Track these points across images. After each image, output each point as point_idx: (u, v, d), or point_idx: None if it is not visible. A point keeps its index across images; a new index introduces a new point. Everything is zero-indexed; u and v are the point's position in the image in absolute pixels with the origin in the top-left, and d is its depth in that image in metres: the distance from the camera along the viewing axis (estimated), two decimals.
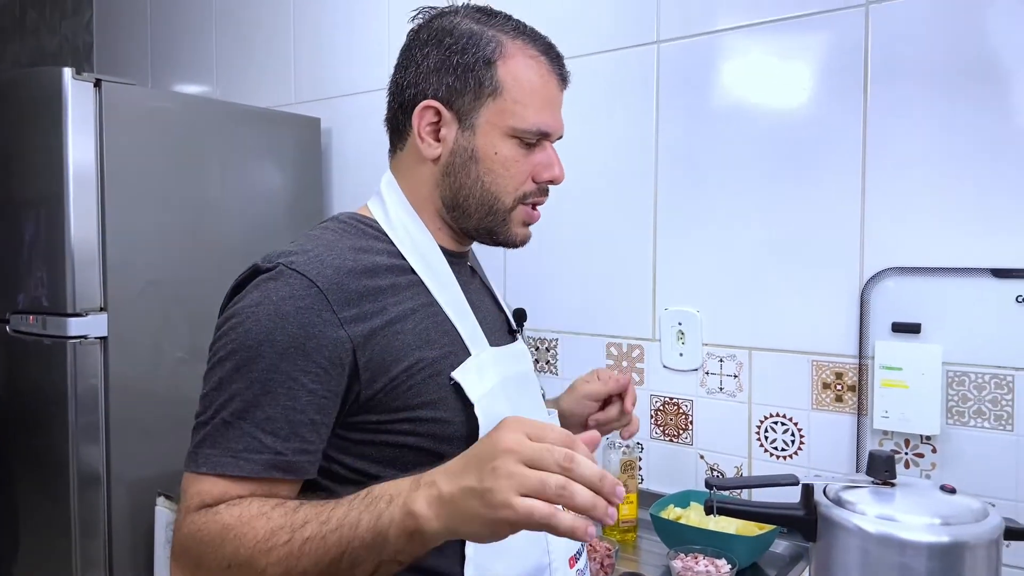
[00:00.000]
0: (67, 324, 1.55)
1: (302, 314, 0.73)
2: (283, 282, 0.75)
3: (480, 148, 0.84)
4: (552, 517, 0.57)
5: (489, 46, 0.84)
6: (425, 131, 0.85)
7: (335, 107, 2.15)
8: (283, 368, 0.72)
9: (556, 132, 0.88)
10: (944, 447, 1.28)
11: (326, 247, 0.79)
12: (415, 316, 0.81)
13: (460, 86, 0.84)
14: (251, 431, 0.71)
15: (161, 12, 2.70)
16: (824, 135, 1.38)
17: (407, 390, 0.78)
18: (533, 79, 0.84)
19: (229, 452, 0.71)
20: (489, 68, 0.83)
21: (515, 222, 0.89)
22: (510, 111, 0.84)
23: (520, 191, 0.87)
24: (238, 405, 0.72)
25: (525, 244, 0.94)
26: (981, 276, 1.24)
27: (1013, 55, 1.21)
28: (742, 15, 1.46)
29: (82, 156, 1.56)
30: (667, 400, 1.57)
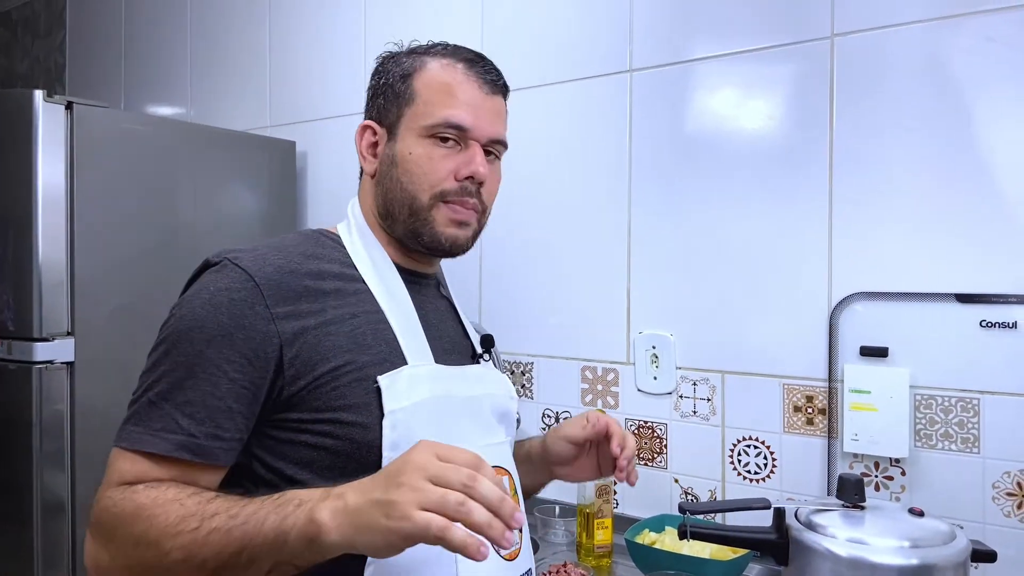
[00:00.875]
0: (33, 349, 1.52)
1: (235, 305, 0.77)
2: (223, 274, 0.80)
3: (399, 152, 0.89)
4: (446, 530, 0.60)
5: (407, 63, 0.92)
6: (365, 150, 0.93)
7: (311, 131, 2.15)
8: (208, 355, 0.76)
9: (475, 128, 0.89)
10: (913, 470, 1.30)
11: (276, 249, 0.84)
12: (354, 320, 0.84)
13: (385, 103, 0.92)
14: (170, 411, 0.75)
15: (135, 34, 2.69)
16: (792, 162, 1.41)
17: (331, 391, 0.79)
18: (444, 80, 0.90)
19: (148, 430, 0.75)
20: (405, 81, 0.90)
21: (438, 222, 0.90)
22: (422, 112, 0.89)
23: (438, 188, 0.88)
24: (163, 387, 0.76)
25: (459, 246, 0.92)
26: (946, 301, 1.27)
27: (974, 86, 1.25)
28: (713, 46, 1.49)
29: (52, 179, 1.54)
30: (642, 424, 1.58)
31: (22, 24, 3.24)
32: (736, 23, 1.46)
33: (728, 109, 1.48)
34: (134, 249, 1.68)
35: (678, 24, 1.53)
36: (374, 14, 2.01)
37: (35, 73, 3.15)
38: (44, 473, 1.54)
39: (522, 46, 1.73)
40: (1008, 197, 1.22)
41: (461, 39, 1.00)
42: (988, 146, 1.24)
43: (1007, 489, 1.22)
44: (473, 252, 1.77)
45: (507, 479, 0.92)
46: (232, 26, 2.37)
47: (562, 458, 1.02)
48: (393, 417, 0.80)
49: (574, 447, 1.00)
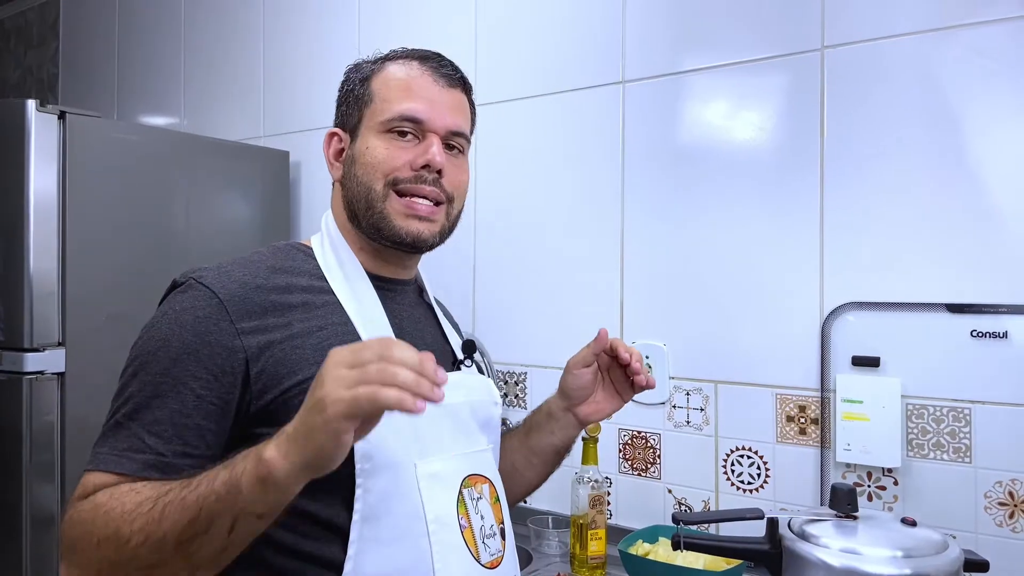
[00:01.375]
0: (24, 359, 1.51)
1: (199, 323, 0.78)
2: (189, 294, 0.80)
3: (357, 150, 0.91)
4: (376, 393, 0.60)
5: (368, 68, 0.94)
6: (333, 156, 0.95)
7: (304, 141, 2.15)
8: (174, 373, 0.76)
9: (431, 120, 0.89)
10: (905, 479, 1.30)
11: (242, 265, 0.85)
12: (322, 332, 0.83)
13: (347, 109, 0.94)
14: (137, 431, 0.75)
15: (129, 45, 2.70)
16: (784, 173, 1.41)
17: (299, 404, 0.76)
18: (399, 76, 0.91)
19: (115, 450, 0.75)
20: (364, 84, 0.93)
21: (394, 214, 0.89)
22: (378, 110, 0.90)
23: (390, 176, 0.89)
24: (131, 407, 0.76)
25: (421, 241, 0.90)
26: (937, 311, 1.27)
27: (963, 98, 1.26)
28: (704, 58, 1.50)
29: (44, 188, 1.54)
30: (635, 434, 1.58)
31: (15, 34, 3.23)
32: (727, 35, 1.48)
33: (720, 120, 1.49)
34: (126, 259, 1.68)
35: (670, 36, 1.54)
36: (368, 25, 2.02)
37: (27, 83, 3.15)
38: (33, 486, 1.53)
39: (515, 58, 1.74)
40: (998, 208, 1.23)
41: (455, 50, 1.00)
42: (977, 157, 1.25)
43: (999, 499, 1.22)
44: (466, 262, 1.79)
45: (487, 487, 0.92)
46: (226, 36, 2.37)
47: (582, 387, 1.01)
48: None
49: (589, 372, 1.00)
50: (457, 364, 1.01)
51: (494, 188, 1.77)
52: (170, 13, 2.54)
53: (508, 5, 1.76)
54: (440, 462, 0.85)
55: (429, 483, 0.83)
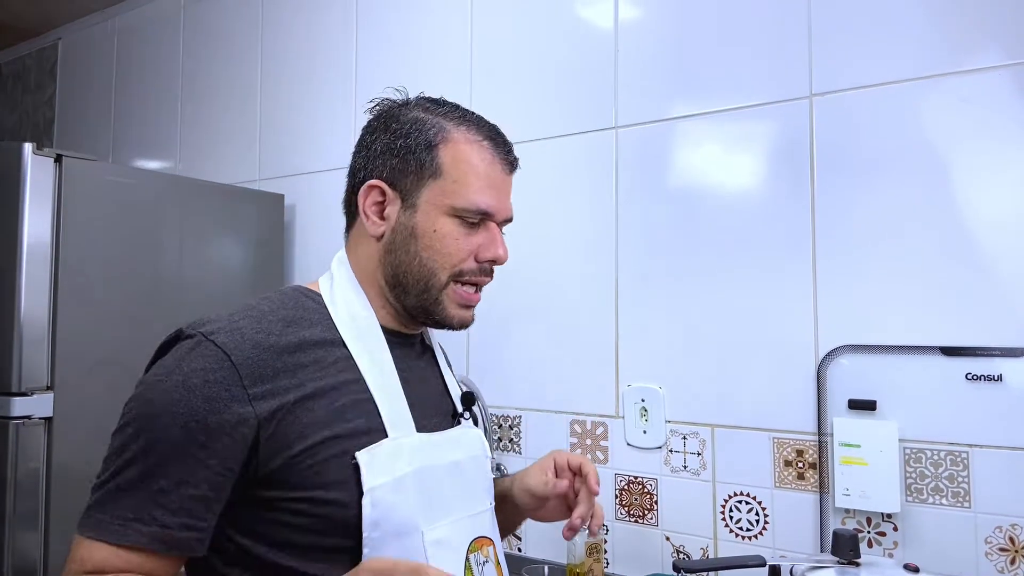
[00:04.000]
0: (11, 404, 1.48)
1: (210, 388, 0.73)
2: (198, 353, 0.76)
3: (420, 225, 0.86)
4: None
5: (431, 131, 0.87)
6: (370, 209, 0.88)
7: (300, 184, 2.17)
8: (183, 442, 0.72)
9: (499, 213, 0.89)
10: (905, 525, 1.28)
11: (254, 319, 0.80)
12: (334, 392, 0.80)
13: (403, 167, 0.87)
14: (143, 501, 0.71)
15: (126, 89, 2.73)
16: (775, 216, 1.43)
17: (307, 468, 0.76)
18: (474, 161, 0.87)
19: (118, 520, 0.71)
20: (430, 151, 0.86)
21: (449, 302, 0.89)
22: (450, 191, 0.86)
23: (457, 268, 0.87)
24: (135, 473, 0.72)
25: (465, 327, 0.92)
26: (931, 354, 1.27)
27: (950, 144, 1.28)
28: (694, 105, 1.53)
29: (38, 232, 1.53)
30: (632, 479, 1.56)
31: (12, 78, 3.27)
32: (717, 82, 1.50)
33: (712, 166, 1.51)
34: (118, 303, 1.67)
35: (661, 82, 1.57)
36: (364, 70, 2.05)
37: (23, 126, 3.17)
38: (16, 535, 1.48)
39: (510, 102, 1.77)
40: (987, 251, 1.25)
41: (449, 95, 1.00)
42: (966, 202, 1.27)
43: (1000, 544, 1.21)
44: None
45: (492, 549, 0.90)
46: (223, 81, 2.40)
47: (528, 506, 1.00)
48: (373, 495, 0.77)
49: (537, 499, 0.98)
50: (457, 418, 0.98)
51: None
52: (167, 59, 2.58)
53: (502, 51, 1.80)
54: (447, 527, 0.83)
55: (436, 551, 0.80)
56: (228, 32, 2.40)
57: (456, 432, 0.94)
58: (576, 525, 0.94)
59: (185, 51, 2.53)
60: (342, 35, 2.11)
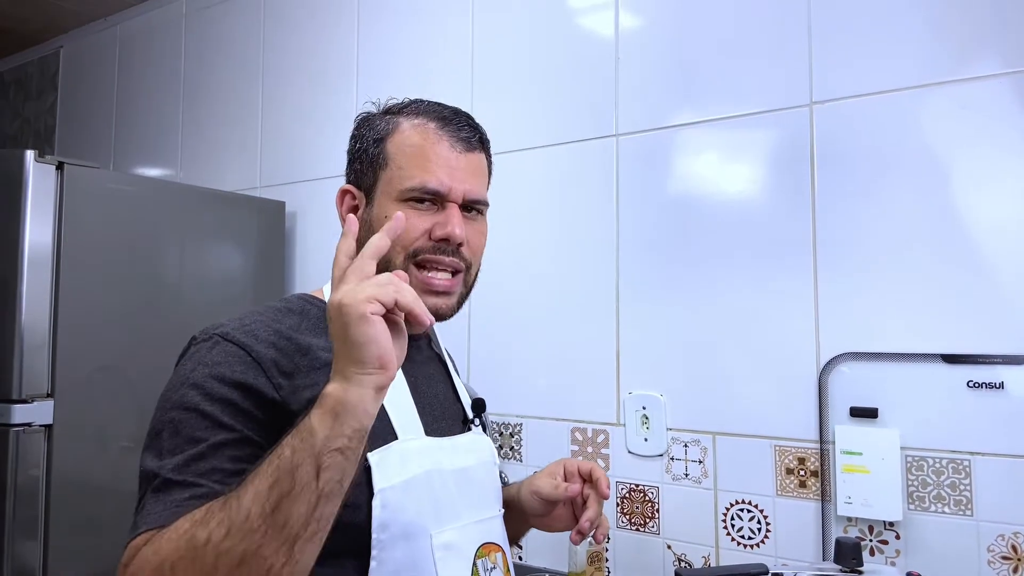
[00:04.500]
0: (11, 411, 1.48)
1: (237, 375, 0.75)
2: (220, 350, 0.77)
3: (375, 216, 0.88)
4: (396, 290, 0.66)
5: (381, 126, 0.91)
6: (346, 214, 0.90)
7: (301, 191, 2.17)
8: (223, 420, 0.72)
9: (451, 191, 0.88)
10: (907, 533, 1.28)
11: (264, 323, 0.81)
12: None
13: (361, 167, 0.91)
14: (193, 482, 0.70)
15: (127, 97, 2.73)
16: (776, 224, 1.43)
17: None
18: (416, 142, 0.88)
19: (172, 504, 0.69)
20: (379, 144, 0.90)
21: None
22: (396, 177, 0.88)
23: (410, 248, 0.86)
24: (179, 461, 0.71)
25: (441, 316, 0.90)
26: (933, 362, 1.27)
27: (951, 152, 1.28)
28: (695, 113, 1.53)
29: (39, 239, 1.54)
30: (633, 487, 1.55)
31: (14, 86, 3.27)
32: (717, 90, 1.51)
33: (712, 173, 1.51)
34: (118, 310, 1.67)
35: (662, 90, 1.57)
36: (366, 78, 2.06)
37: (24, 134, 3.17)
38: (15, 542, 1.48)
39: (511, 109, 1.77)
40: (988, 258, 1.25)
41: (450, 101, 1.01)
42: (967, 208, 1.27)
43: (1002, 552, 1.21)
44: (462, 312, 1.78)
45: (500, 555, 0.89)
46: (224, 89, 2.41)
47: (535, 510, 0.99)
48: (383, 496, 0.77)
49: (546, 503, 0.98)
50: (467, 424, 0.98)
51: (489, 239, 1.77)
52: (169, 66, 2.58)
53: (503, 60, 1.80)
54: (455, 531, 0.83)
55: (444, 554, 0.80)
56: (230, 40, 2.41)
57: (466, 438, 0.94)
58: (585, 529, 0.93)
59: (187, 59, 2.54)
60: (344, 43, 2.11)
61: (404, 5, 1.99)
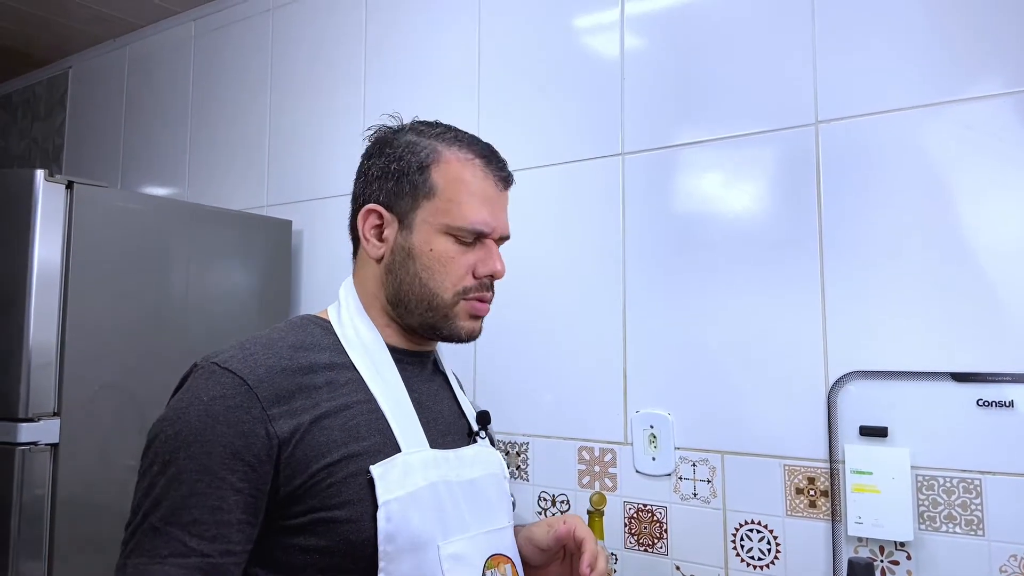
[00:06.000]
0: (17, 430, 1.48)
1: (231, 413, 0.74)
2: (215, 381, 0.77)
3: (416, 246, 0.88)
4: None
5: (424, 152, 0.90)
6: (369, 232, 0.91)
7: (308, 210, 2.18)
8: (211, 468, 0.72)
9: (494, 230, 0.91)
10: (918, 553, 1.27)
11: (264, 346, 0.82)
12: (347, 412, 0.81)
13: (398, 189, 0.89)
14: (178, 535, 0.71)
15: (136, 117, 2.75)
16: (783, 242, 1.43)
17: (326, 488, 0.76)
18: (466, 179, 0.89)
19: (157, 558, 0.70)
20: (423, 172, 0.88)
21: (459, 316, 0.90)
22: (444, 210, 0.88)
23: (460, 286, 0.88)
24: (166, 509, 0.72)
25: (474, 338, 0.92)
26: (942, 380, 1.27)
27: (955, 171, 1.29)
28: (701, 132, 1.54)
29: (48, 259, 1.54)
30: (641, 507, 1.54)
31: (22, 106, 3.30)
32: (723, 110, 1.52)
33: (719, 192, 1.52)
34: (125, 330, 1.67)
35: (667, 109, 1.58)
36: (373, 97, 2.07)
37: (32, 154, 3.20)
38: (20, 562, 1.47)
39: (518, 128, 1.78)
40: (994, 277, 1.25)
41: (457, 119, 1.02)
42: (973, 227, 1.27)
43: (1014, 573, 1.20)
44: None
45: (510, 567, 0.89)
46: (232, 109, 2.43)
47: (531, 560, 0.96)
48: (388, 508, 0.77)
49: (541, 552, 0.95)
50: (473, 436, 0.99)
51: None
52: (177, 87, 2.61)
53: (511, 80, 1.82)
54: (463, 542, 0.83)
55: (452, 565, 0.80)
56: (237, 61, 2.43)
57: (472, 451, 0.94)
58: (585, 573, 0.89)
59: (195, 79, 2.56)
60: (350, 63, 2.13)
61: (410, 27, 2.01)
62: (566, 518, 0.95)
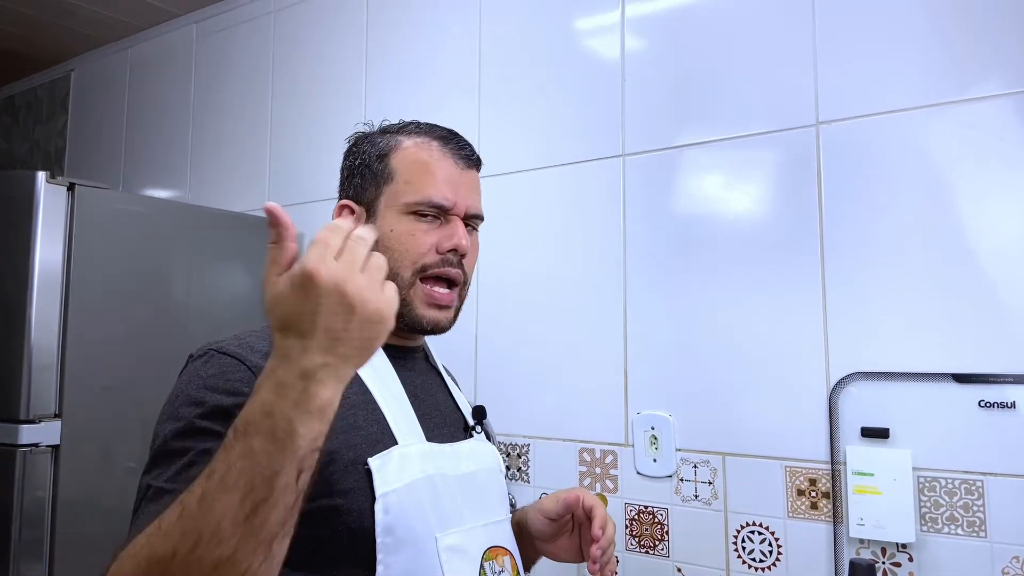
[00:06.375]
0: (18, 431, 1.48)
1: (231, 384, 0.75)
2: (214, 363, 0.78)
3: (379, 230, 0.89)
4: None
5: (383, 143, 0.94)
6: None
7: (309, 212, 2.18)
8: (214, 430, 0.71)
9: (456, 205, 0.91)
10: (920, 555, 1.27)
11: (259, 337, 0.83)
12: (344, 402, 0.79)
13: (362, 183, 0.93)
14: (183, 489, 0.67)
15: (137, 119, 2.76)
16: (784, 243, 1.43)
17: (328, 476, 0.76)
18: (423, 159, 0.91)
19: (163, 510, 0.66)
20: (382, 160, 0.92)
21: (417, 303, 0.90)
22: (402, 191, 0.90)
23: (419, 263, 0.89)
24: (172, 471, 0.71)
25: (439, 330, 0.92)
26: (944, 381, 1.27)
27: (957, 172, 1.29)
28: (701, 133, 1.54)
29: (49, 260, 1.54)
30: (642, 509, 1.54)
31: (25, 109, 3.31)
32: (724, 111, 1.52)
33: (719, 193, 1.51)
34: (126, 331, 1.67)
35: (668, 111, 1.58)
36: (374, 99, 2.08)
37: (34, 156, 3.20)
38: (21, 564, 1.47)
39: (518, 130, 1.79)
40: (995, 277, 1.25)
41: (458, 122, 1.03)
42: (974, 228, 1.27)
43: (1016, 575, 1.19)
44: (468, 331, 1.79)
45: (508, 559, 0.89)
46: (233, 111, 2.43)
47: (541, 533, 0.99)
48: (386, 500, 0.78)
49: (551, 523, 0.97)
50: (469, 431, 0.99)
51: (497, 259, 1.78)
52: (179, 89, 2.61)
53: (511, 81, 1.82)
54: (461, 534, 0.83)
55: (450, 556, 0.80)
56: (239, 63, 2.44)
57: (468, 444, 0.95)
58: (596, 555, 0.92)
59: (196, 82, 2.56)
60: (352, 66, 2.13)
61: (412, 30, 2.01)
62: (574, 488, 0.97)
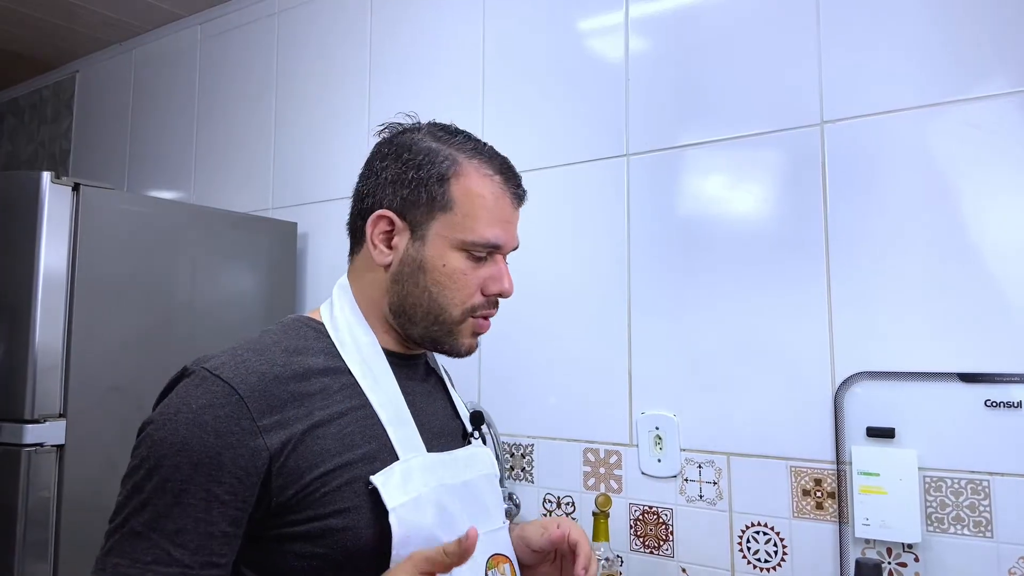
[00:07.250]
0: (23, 431, 1.48)
1: (220, 423, 0.73)
2: (205, 388, 0.75)
3: (428, 259, 0.86)
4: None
5: (444, 163, 0.86)
6: (378, 238, 0.88)
7: (312, 212, 2.18)
8: (197, 479, 0.71)
9: (507, 246, 0.90)
10: (926, 555, 1.26)
11: (257, 352, 0.80)
12: (342, 419, 0.80)
13: (414, 198, 0.86)
14: (160, 542, 0.70)
15: (141, 120, 2.77)
16: (788, 243, 1.43)
17: (321, 496, 0.76)
18: (485, 195, 0.87)
19: (137, 564, 0.70)
20: (442, 184, 0.86)
21: (464, 333, 0.89)
22: (460, 225, 0.85)
23: (469, 304, 0.87)
24: (149, 515, 0.71)
25: (471, 354, 0.92)
26: (949, 381, 1.26)
27: (961, 170, 1.28)
28: (706, 133, 1.54)
29: (54, 260, 1.55)
30: (646, 509, 1.54)
31: (29, 110, 3.32)
32: (728, 111, 1.51)
33: (724, 193, 1.51)
34: (131, 331, 1.67)
35: (672, 110, 1.58)
36: (377, 100, 2.08)
37: (39, 157, 3.21)
38: (25, 565, 1.47)
39: (522, 130, 1.79)
40: (1000, 276, 1.24)
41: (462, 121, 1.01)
42: (978, 227, 1.27)
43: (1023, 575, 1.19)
44: None
45: (509, 567, 0.89)
46: (237, 112, 2.44)
47: (522, 561, 0.95)
48: (397, 513, 0.77)
49: (533, 553, 0.94)
50: (467, 437, 0.98)
51: None
52: (183, 90, 2.62)
53: (515, 82, 1.82)
54: None
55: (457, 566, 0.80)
56: (242, 64, 2.44)
57: (467, 452, 0.94)
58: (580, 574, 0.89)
59: (200, 83, 2.57)
60: (355, 65, 2.14)
61: (415, 29, 2.02)
62: (559, 521, 0.94)
